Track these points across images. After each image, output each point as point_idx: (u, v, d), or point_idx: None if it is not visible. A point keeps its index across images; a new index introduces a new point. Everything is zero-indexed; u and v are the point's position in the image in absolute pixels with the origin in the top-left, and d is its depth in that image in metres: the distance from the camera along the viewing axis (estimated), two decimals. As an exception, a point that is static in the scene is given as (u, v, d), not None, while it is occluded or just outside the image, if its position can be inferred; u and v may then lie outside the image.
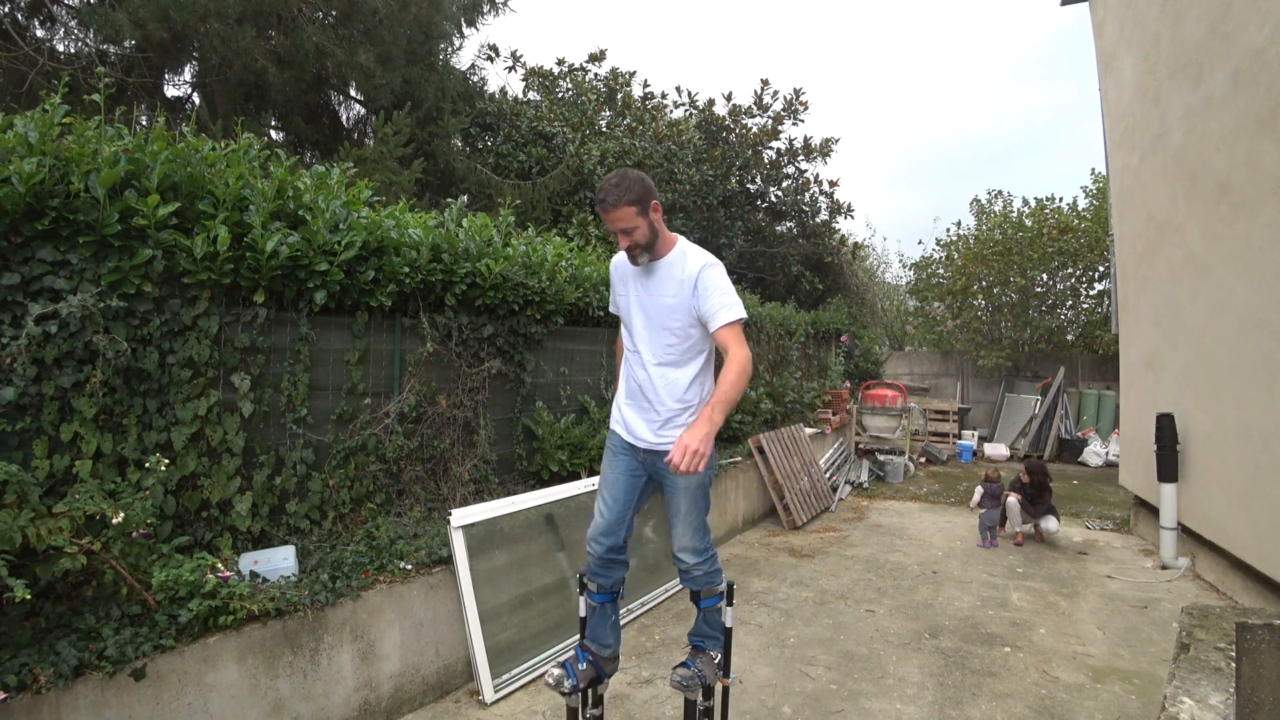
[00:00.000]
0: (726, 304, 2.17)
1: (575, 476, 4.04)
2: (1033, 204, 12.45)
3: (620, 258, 2.38)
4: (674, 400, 2.28)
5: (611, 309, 2.51)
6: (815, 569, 4.79)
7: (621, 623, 3.69)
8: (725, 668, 2.38)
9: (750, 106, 10.34)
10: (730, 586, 2.41)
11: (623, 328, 2.45)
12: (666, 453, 2.17)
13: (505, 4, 8.14)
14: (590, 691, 2.37)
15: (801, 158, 10.45)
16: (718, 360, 2.25)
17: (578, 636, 2.50)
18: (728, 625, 2.42)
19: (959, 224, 14.66)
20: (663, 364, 2.30)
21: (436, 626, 2.93)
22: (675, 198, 8.95)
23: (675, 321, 2.26)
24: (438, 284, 3.36)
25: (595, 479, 3.73)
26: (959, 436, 10.79)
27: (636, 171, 2.15)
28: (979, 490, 5.66)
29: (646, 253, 2.22)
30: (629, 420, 2.36)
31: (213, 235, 2.40)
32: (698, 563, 2.34)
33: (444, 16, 7.25)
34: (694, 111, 10.58)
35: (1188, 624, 1.86)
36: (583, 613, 2.45)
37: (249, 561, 2.52)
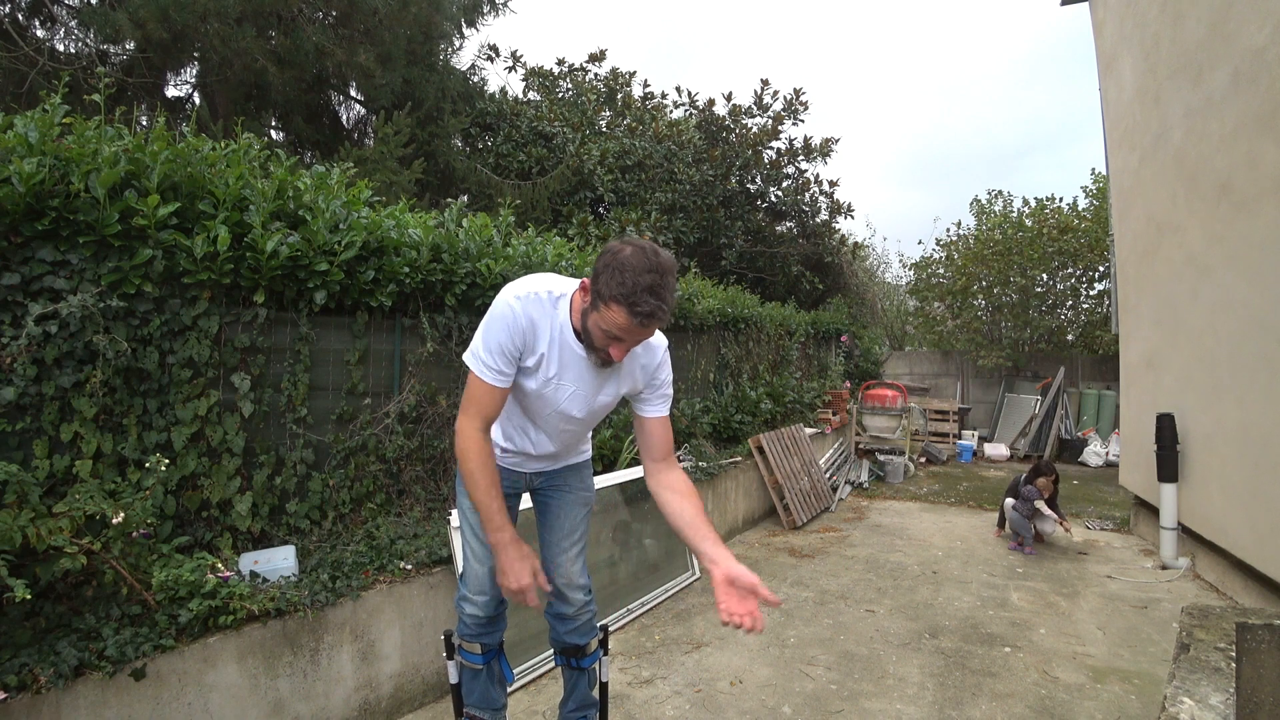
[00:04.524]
0: (671, 392, 1.81)
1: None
2: (1033, 204, 12.45)
3: (527, 308, 1.62)
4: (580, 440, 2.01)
5: (497, 379, 1.62)
6: (815, 569, 4.79)
7: (621, 623, 3.71)
8: None
9: (750, 106, 10.34)
10: (605, 628, 2.07)
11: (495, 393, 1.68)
12: (562, 467, 1.99)
13: (505, 4, 8.15)
14: None
15: (801, 158, 10.45)
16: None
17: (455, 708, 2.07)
18: (605, 680, 2.07)
19: (959, 224, 14.70)
20: (568, 442, 1.95)
21: (437, 627, 2.93)
22: (675, 198, 8.96)
23: (608, 412, 1.84)
24: (438, 284, 3.36)
25: (601, 477, 3.71)
26: (959, 436, 10.79)
27: (672, 259, 1.54)
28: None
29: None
30: (520, 462, 1.96)
31: (213, 235, 2.40)
32: (588, 601, 1.99)
33: (444, 17, 7.26)
34: (694, 111, 10.58)
35: (1188, 624, 1.86)
36: (455, 679, 2.05)
37: (249, 561, 2.52)
